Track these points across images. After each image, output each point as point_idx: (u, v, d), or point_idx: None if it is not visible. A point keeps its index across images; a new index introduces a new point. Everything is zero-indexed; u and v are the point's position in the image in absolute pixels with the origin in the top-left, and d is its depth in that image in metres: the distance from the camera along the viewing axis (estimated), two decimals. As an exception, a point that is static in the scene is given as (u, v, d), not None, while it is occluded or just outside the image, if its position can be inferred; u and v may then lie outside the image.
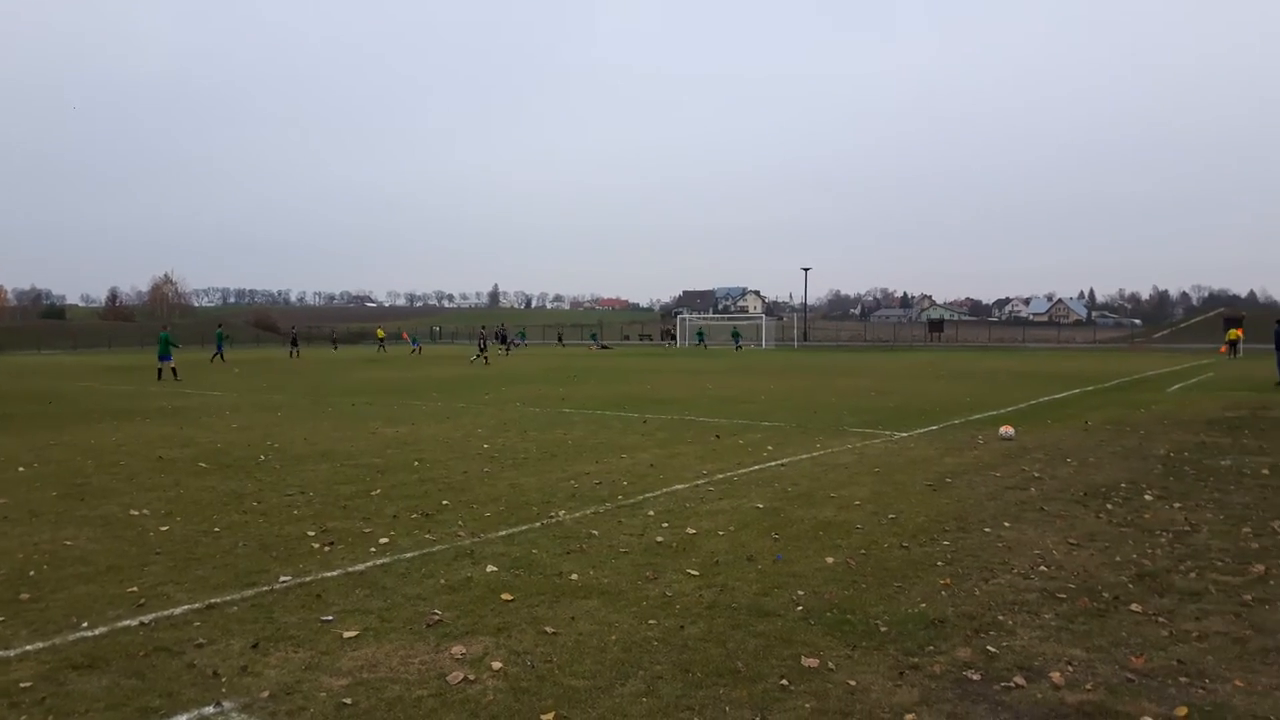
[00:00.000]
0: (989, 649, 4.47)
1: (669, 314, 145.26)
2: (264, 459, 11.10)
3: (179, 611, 5.14)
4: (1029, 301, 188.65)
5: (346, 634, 4.74)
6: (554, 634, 4.73)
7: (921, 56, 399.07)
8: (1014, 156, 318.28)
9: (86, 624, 4.94)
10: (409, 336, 68.39)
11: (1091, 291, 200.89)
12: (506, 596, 5.37)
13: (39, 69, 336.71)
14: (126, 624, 4.93)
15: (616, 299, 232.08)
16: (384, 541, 6.76)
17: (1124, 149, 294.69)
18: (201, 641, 4.64)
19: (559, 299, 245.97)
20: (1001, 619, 4.92)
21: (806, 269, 79.50)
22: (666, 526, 7.21)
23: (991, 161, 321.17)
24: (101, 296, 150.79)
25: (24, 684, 4.11)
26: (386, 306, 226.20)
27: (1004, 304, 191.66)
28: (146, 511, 7.95)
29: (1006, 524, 7.21)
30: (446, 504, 8.17)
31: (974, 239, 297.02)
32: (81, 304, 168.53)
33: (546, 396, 20.78)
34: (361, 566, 6.08)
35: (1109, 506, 7.88)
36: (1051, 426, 14.07)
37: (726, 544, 6.62)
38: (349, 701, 3.90)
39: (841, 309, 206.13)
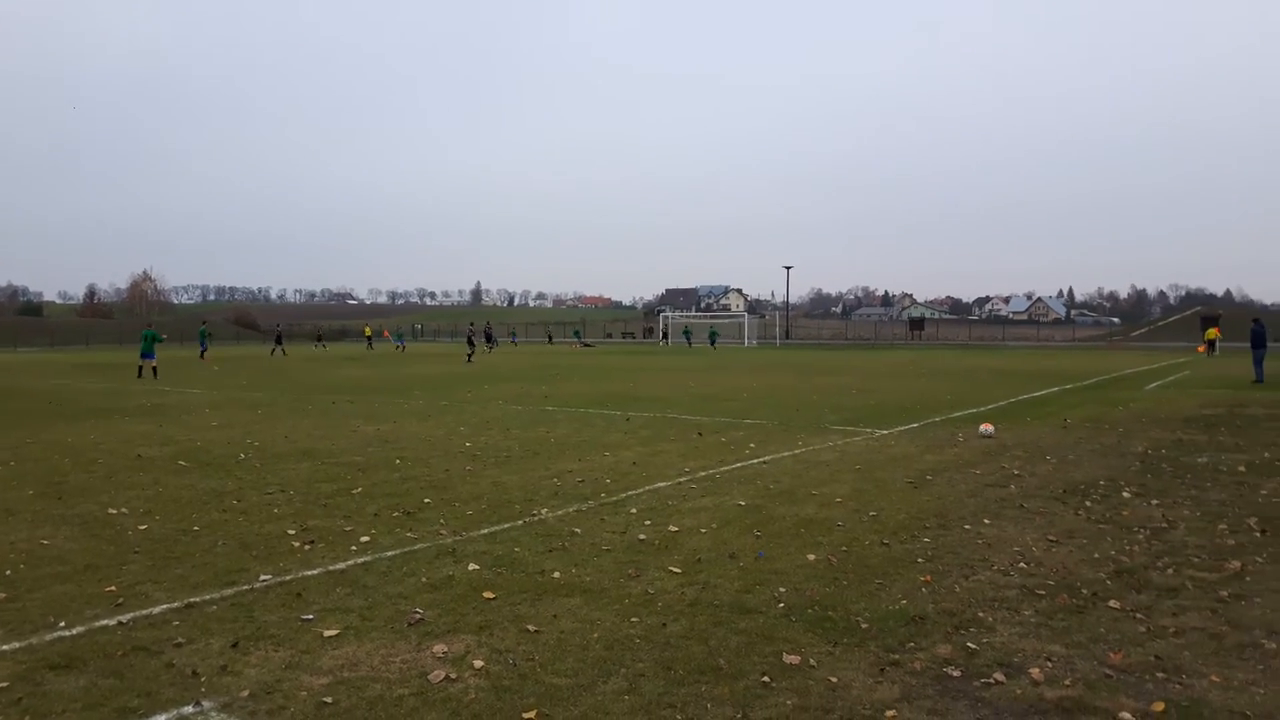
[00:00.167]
0: (969, 645, 4.50)
1: (652, 312, 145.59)
2: (244, 457, 11.02)
3: (158, 611, 5.10)
4: (1009, 300, 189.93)
5: (327, 633, 4.71)
6: (536, 632, 4.72)
7: (902, 58, 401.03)
8: (995, 157, 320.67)
9: (64, 624, 4.89)
10: (390, 335, 68.10)
11: (1070, 290, 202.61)
12: (488, 595, 5.36)
13: (16, 63, 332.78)
14: (104, 623, 4.88)
15: (599, 297, 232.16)
16: (365, 540, 6.73)
17: (1103, 151, 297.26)
18: (181, 641, 4.60)
19: (542, 297, 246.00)
20: (981, 616, 4.96)
21: (789, 267, 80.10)
22: (649, 524, 7.21)
23: (973, 162, 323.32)
24: (79, 293, 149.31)
25: (0, 684, 4.07)
26: (368, 304, 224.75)
27: (984, 302, 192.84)
28: (125, 510, 7.88)
29: (986, 521, 7.26)
30: (428, 502, 8.15)
31: (955, 239, 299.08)
32: (59, 301, 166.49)
33: (529, 394, 20.75)
34: (342, 565, 6.05)
35: (1088, 504, 7.96)
36: (1031, 424, 14.19)
37: (709, 542, 6.64)
38: (329, 700, 3.88)
39: (823, 307, 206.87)
